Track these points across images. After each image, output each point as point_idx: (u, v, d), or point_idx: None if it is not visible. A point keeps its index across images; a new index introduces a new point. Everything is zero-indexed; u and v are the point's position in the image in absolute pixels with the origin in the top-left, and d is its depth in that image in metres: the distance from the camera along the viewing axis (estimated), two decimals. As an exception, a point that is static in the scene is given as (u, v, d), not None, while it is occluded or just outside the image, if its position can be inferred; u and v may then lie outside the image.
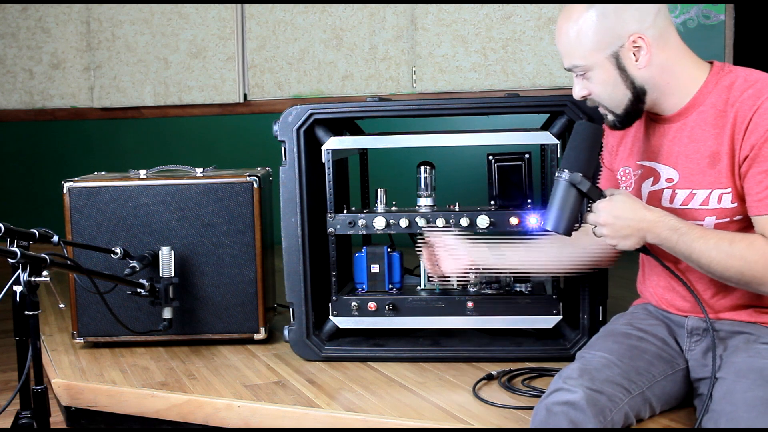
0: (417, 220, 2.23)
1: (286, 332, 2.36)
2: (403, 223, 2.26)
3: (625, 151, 1.85)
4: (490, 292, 2.32)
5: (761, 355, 1.60)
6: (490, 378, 2.10)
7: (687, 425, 1.72)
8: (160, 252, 2.42)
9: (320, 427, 1.97)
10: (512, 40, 4.16)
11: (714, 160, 1.64)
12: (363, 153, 2.68)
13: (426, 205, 2.32)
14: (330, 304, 2.34)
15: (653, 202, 1.74)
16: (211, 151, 4.61)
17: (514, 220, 2.22)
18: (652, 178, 1.76)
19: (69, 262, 2.06)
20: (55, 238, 2.02)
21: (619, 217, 1.60)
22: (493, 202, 2.34)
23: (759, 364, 1.57)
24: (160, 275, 2.41)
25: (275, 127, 2.29)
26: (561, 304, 2.25)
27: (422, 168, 2.33)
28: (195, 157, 4.19)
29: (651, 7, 1.63)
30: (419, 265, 2.40)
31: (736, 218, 1.65)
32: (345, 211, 2.36)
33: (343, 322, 2.34)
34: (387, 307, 2.31)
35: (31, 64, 4.75)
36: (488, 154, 2.36)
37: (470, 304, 2.28)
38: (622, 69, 1.65)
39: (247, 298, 2.49)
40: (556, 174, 1.67)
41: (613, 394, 1.59)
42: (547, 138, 2.18)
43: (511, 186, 2.34)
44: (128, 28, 4.59)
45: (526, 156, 2.34)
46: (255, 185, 2.47)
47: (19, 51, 4.75)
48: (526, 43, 4.14)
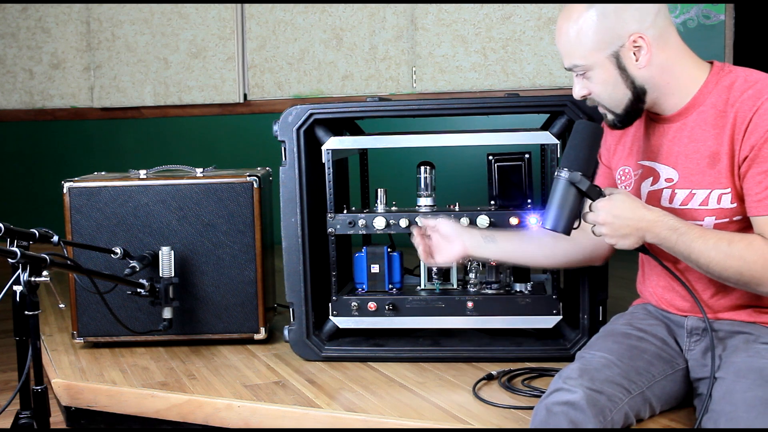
0: (417, 220, 2.23)
1: (286, 332, 2.36)
2: (403, 223, 2.26)
3: (624, 150, 1.85)
4: (490, 292, 2.32)
5: (761, 355, 1.60)
6: (490, 378, 2.10)
7: (687, 425, 1.72)
8: (160, 252, 2.42)
9: (320, 427, 1.97)
10: (512, 40, 4.16)
11: (714, 161, 1.64)
12: (363, 153, 2.69)
13: (426, 205, 2.32)
14: (330, 304, 2.34)
15: (653, 201, 1.74)
16: (211, 151, 4.61)
17: (514, 220, 2.22)
18: (651, 178, 1.76)
19: (69, 262, 2.06)
20: (55, 238, 2.02)
21: (618, 217, 1.60)
22: (493, 202, 2.34)
23: (758, 364, 1.57)
24: (160, 275, 2.41)
25: (275, 127, 2.29)
26: (561, 304, 2.25)
27: (422, 168, 2.33)
28: (195, 157, 4.20)
29: (651, 7, 1.63)
30: (419, 265, 2.40)
31: (735, 218, 1.65)
32: (345, 211, 2.36)
33: (343, 322, 2.34)
34: (387, 307, 2.31)
35: (31, 64, 4.75)
36: (488, 154, 2.36)
37: (470, 304, 2.28)
38: (622, 69, 1.65)
39: (247, 298, 2.49)
40: (556, 173, 1.67)
41: (613, 394, 1.59)
42: (547, 138, 2.18)
43: (511, 186, 2.34)
44: (128, 28, 4.59)
45: (526, 156, 2.34)
46: (255, 185, 2.47)
47: (19, 51, 4.75)
48: (526, 43, 4.14)
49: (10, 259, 1.67)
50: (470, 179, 3.43)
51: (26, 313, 1.70)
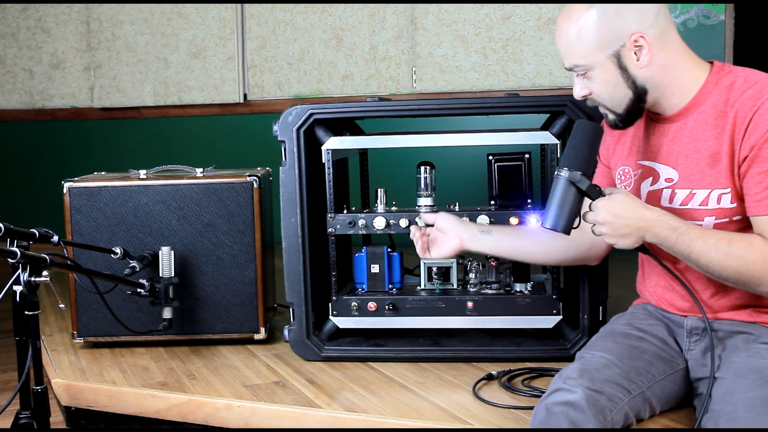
0: (417, 220, 2.23)
1: (286, 332, 2.36)
2: (403, 223, 2.26)
3: (624, 150, 1.85)
4: (490, 292, 2.32)
5: (760, 354, 1.60)
6: (490, 378, 2.10)
7: (687, 425, 1.72)
8: (160, 252, 2.42)
9: (320, 427, 1.97)
10: (512, 40, 4.16)
11: (714, 160, 1.64)
12: (363, 153, 2.68)
13: (426, 205, 2.32)
14: (330, 304, 2.34)
15: (652, 201, 1.74)
16: (211, 151, 4.61)
17: (514, 220, 2.22)
18: (651, 178, 1.76)
19: (69, 262, 2.06)
20: (55, 238, 2.02)
21: (618, 216, 1.60)
22: (493, 202, 2.34)
23: (758, 364, 1.57)
24: (160, 275, 2.41)
25: (275, 127, 2.29)
26: (561, 304, 2.25)
27: (422, 168, 2.33)
28: (195, 157, 4.20)
29: (651, 7, 1.63)
30: (419, 265, 2.40)
31: (735, 218, 1.65)
32: (345, 211, 2.36)
33: (343, 322, 2.34)
34: (387, 307, 2.31)
35: (31, 64, 4.75)
36: (488, 154, 2.36)
37: (470, 304, 2.28)
38: (623, 68, 1.65)
39: (247, 298, 2.49)
40: (556, 172, 1.67)
41: (613, 394, 1.59)
42: (547, 138, 2.18)
43: (511, 186, 2.34)
44: (128, 28, 4.59)
45: (526, 156, 2.34)
46: (255, 185, 2.47)
47: (19, 51, 4.75)
48: (526, 43, 4.14)
49: (10, 259, 1.67)
50: (470, 179, 3.43)
51: (26, 313, 1.70)
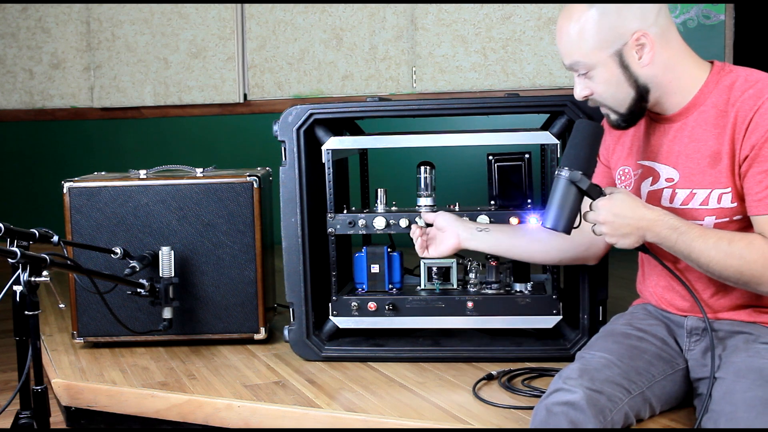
0: (417, 220, 2.23)
1: (286, 332, 2.36)
2: (403, 223, 2.26)
3: (624, 150, 1.85)
4: (490, 292, 2.32)
5: (761, 354, 1.60)
6: (490, 378, 2.10)
7: (687, 425, 1.72)
8: (160, 252, 2.42)
9: (320, 427, 1.97)
10: (512, 40, 4.16)
11: (714, 160, 1.64)
12: (363, 153, 2.68)
13: (426, 205, 2.32)
14: (330, 304, 2.34)
15: (653, 201, 1.74)
16: (211, 151, 4.61)
17: (514, 220, 2.22)
18: (651, 178, 1.76)
19: (69, 262, 2.06)
20: (55, 238, 2.02)
21: (618, 216, 1.60)
22: (493, 202, 2.34)
23: (758, 364, 1.57)
24: (160, 275, 2.41)
25: (275, 127, 2.29)
26: (561, 304, 2.25)
27: (422, 168, 2.33)
28: (195, 157, 4.20)
29: (652, 6, 1.63)
30: (419, 265, 2.40)
31: (735, 218, 1.65)
32: (345, 211, 2.36)
33: (343, 322, 2.34)
34: (387, 307, 2.31)
35: (31, 64, 4.75)
36: (488, 154, 2.36)
37: (470, 304, 2.28)
38: (625, 67, 1.65)
39: (247, 298, 2.49)
40: (556, 172, 1.67)
41: (613, 394, 1.59)
42: (547, 138, 2.18)
43: (511, 186, 2.34)
44: (128, 28, 4.59)
45: (526, 156, 2.34)
46: (255, 185, 2.47)
47: (19, 51, 4.75)
48: (526, 43, 4.14)
49: (10, 259, 1.67)
50: (470, 179, 3.43)
51: (26, 313, 1.70)
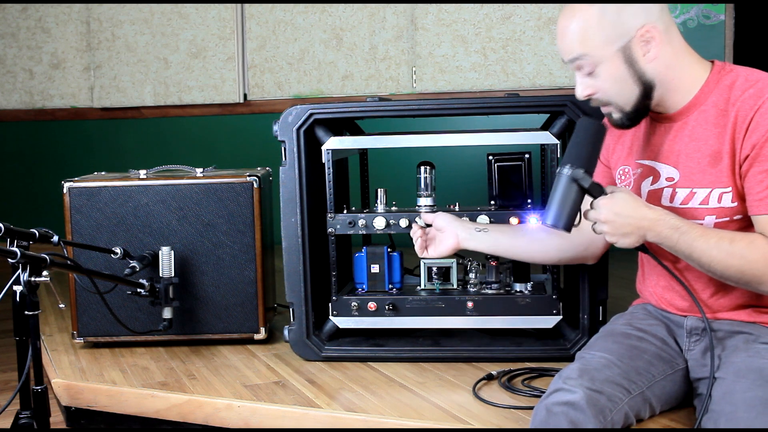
0: (417, 220, 2.23)
1: (286, 332, 2.36)
2: (403, 223, 2.26)
3: (624, 149, 1.84)
4: (490, 292, 2.32)
5: (760, 354, 1.60)
6: (490, 378, 2.10)
7: (687, 425, 1.72)
8: (160, 252, 2.42)
9: (320, 427, 1.97)
10: (512, 40, 4.16)
11: (715, 160, 1.64)
12: (363, 153, 2.68)
13: (426, 205, 2.32)
14: (330, 304, 2.34)
15: (653, 200, 1.74)
16: (211, 151, 4.61)
17: (514, 220, 2.22)
18: (651, 177, 1.76)
19: (69, 262, 2.06)
20: (55, 238, 2.02)
21: (619, 215, 1.60)
22: (493, 202, 2.34)
23: (758, 364, 1.57)
24: (160, 275, 2.41)
25: (275, 127, 2.29)
26: (561, 304, 2.25)
27: (422, 168, 2.33)
28: (195, 157, 4.20)
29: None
30: (419, 265, 2.40)
31: (736, 217, 1.65)
32: (345, 211, 2.36)
33: (343, 322, 2.34)
34: (387, 307, 2.31)
35: (31, 64, 4.75)
36: (488, 154, 2.36)
37: (470, 304, 2.28)
38: (631, 63, 1.64)
39: (247, 298, 2.49)
40: (558, 169, 1.66)
41: (613, 394, 1.59)
42: (547, 138, 2.18)
43: (511, 186, 2.34)
44: (128, 28, 4.59)
45: (526, 156, 2.34)
46: (255, 185, 2.47)
47: (19, 51, 4.75)
48: (526, 43, 4.14)
49: (10, 259, 1.67)
50: (470, 179, 3.43)
51: (26, 313, 1.70)
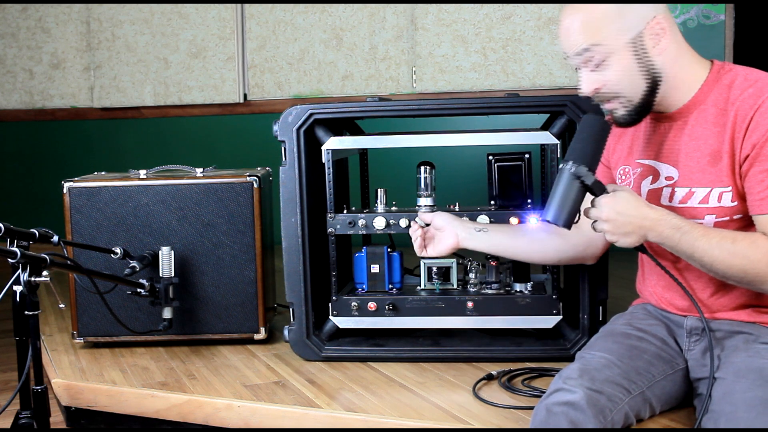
0: (417, 219, 2.23)
1: (286, 332, 2.36)
2: (403, 223, 2.26)
3: (624, 149, 1.84)
4: (490, 292, 2.32)
5: (760, 354, 1.60)
6: (490, 378, 2.10)
7: (687, 425, 1.72)
8: (160, 252, 2.42)
9: (320, 427, 1.97)
10: (512, 40, 4.16)
11: (715, 159, 1.64)
12: (363, 153, 2.68)
13: (426, 205, 2.32)
14: (330, 304, 2.34)
15: (653, 200, 1.74)
16: (211, 151, 4.62)
17: (514, 220, 2.22)
18: (651, 176, 1.76)
19: (69, 262, 2.06)
20: (55, 238, 2.02)
21: (621, 214, 1.60)
22: (493, 202, 2.34)
23: (758, 364, 1.57)
24: (160, 275, 2.41)
25: (275, 127, 2.29)
26: (561, 304, 2.25)
27: (422, 168, 2.33)
28: (195, 157, 4.20)
29: None
30: (419, 265, 2.40)
31: (736, 217, 1.65)
32: (345, 211, 2.36)
33: (343, 322, 2.34)
34: (387, 307, 2.31)
35: (31, 64, 4.75)
36: (488, 154, 2.36)
37: (470, 304, 2.28)
38: (641, 55, 1.63)
39: (247, 298, 2.49)
40: (561, 165, 1.65)
41: (613, 394, 1.59)
42: (547, 138, 2.18)
43: (511, 186, 2.34)
44: (128, 28, 4.59)
45: (526, 156, 2.34)
46: (255, 185, 2.47)
47: (19, 51, 4.75)
48: (526, 43, 4.14)
49: (10, 259, 1.67)
50: (470, 179, 3.43)
51: (26, 313, 1.70)
